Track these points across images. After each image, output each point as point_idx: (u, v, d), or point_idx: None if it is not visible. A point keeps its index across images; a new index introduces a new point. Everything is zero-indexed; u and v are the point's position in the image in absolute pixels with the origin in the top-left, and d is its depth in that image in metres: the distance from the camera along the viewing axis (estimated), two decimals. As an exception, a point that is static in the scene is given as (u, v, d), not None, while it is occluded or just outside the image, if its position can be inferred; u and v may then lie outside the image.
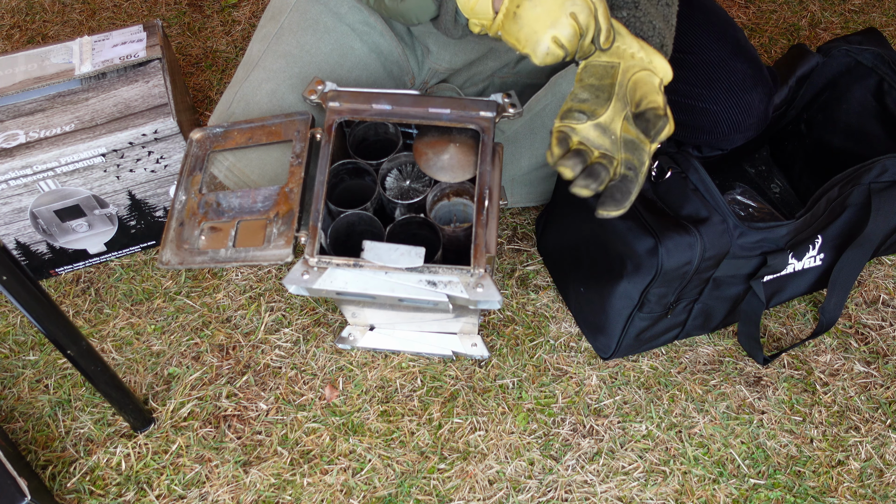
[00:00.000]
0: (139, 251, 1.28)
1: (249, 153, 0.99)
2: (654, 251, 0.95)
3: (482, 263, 0.85)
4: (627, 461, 1.05)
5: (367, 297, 0.88)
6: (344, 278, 0.87)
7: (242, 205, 0.92)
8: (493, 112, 0.93)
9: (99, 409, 1.11)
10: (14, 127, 1.10)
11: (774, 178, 1.33)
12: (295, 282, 0.87)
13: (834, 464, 1.05)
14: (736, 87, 1.02)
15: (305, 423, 1.09)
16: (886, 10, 1.70)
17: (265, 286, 1.24)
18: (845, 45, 1.17)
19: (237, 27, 1.67)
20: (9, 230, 1.15)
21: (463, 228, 0.94)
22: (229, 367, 1.15)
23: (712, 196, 0.98)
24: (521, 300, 1.22)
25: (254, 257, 0.87)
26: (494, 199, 0.92)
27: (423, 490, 1.03)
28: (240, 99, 1.04)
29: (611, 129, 0.80)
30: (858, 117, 1.16)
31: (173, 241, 0.90)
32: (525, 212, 1.34)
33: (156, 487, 1.04)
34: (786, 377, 1.13)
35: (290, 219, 0.89)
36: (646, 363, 1.14)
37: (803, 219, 0.99)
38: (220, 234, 0.90)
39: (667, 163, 1.02)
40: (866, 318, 1.20)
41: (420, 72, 1.15)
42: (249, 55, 1.09)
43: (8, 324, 1.21)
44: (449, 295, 0.85)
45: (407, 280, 0.87)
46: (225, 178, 0.99)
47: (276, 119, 0.98)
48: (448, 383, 1.13)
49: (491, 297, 0.85)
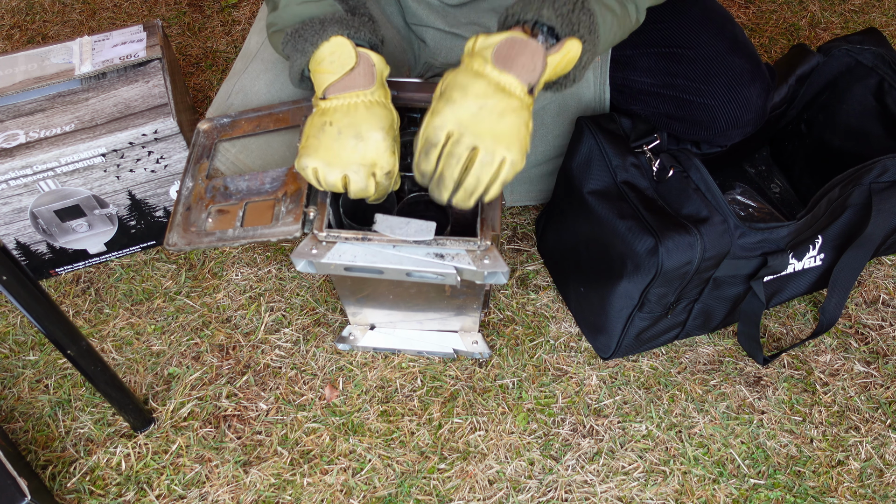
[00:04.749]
0: (139, 251, 1.28)
1: (252, 145, 0.99)
2: (655, 251, 0.95)
3: (489, 236, 0.86)
4: (627, 461, 1.05)
5: (376, 271, 0.88)
6: (352, 252, 0.88)
7: (250, 187, 0.93)
8: None
9: (99, 409, 1.11)
10: (14, 127, 1.10)
11: (774, 178, 1.33)
12: (304, 256, 0.87)
13: (834, 464, 1.05)
14: (734, 82, 1.02)
15: (305, 423, 1.09)
16: (886, 10, 1.70)
17: (265, 286, 1.24)
18: (845, 45, 1.17)
19: (237, 27, 1.67)
20: (9, 230, 1.15)
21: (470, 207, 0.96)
22: (229, 367, 1.15)
23: (713, 196, 0.98)
24: (521, 300, 1.22)
25: (262, 234, 0.87)
26: None
27: (423, 490, 1.03)
28: (238, 90, 1.04)
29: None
30: (859, 117, 1.16)
31: (180, 225, 0.89)
32: (525, 212, 1.34)
33: (156, 487, 1.04)
34: (786, 377, 1.13)
35: (299, 197, 0.89)
36: (646, 363, 1.14)
37: (804, 219, 0.99)
38: (228, 215, 0.90)
39: (669, 161, 1.02)
40: (866, 318, 1.20)
41: (416, 64, 1.15)
42: (247, 47, 1.09)
43: (8, 324, 1.21)
44: (457, 267, 0.86)
45: (415, 253, 0.87)
46: (228, 170, 0.99)
47: (284, 106, 0.99)
48: (448, 383, 1.13)
49: (498, 267, 0.85)
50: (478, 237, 0.86)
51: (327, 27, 0.84)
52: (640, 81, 1.10)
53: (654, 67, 1.08)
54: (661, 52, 1.08)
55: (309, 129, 0.84)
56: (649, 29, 1.10)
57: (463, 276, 0.87)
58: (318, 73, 0.84)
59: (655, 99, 1.09)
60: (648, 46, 1.09)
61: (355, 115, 0.82)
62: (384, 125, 0.83)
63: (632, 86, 1.11)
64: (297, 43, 0.85)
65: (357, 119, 0.82)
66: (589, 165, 1.06)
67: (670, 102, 1.07)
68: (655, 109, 1.09)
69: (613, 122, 1.08)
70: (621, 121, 1.08)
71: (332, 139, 0.82)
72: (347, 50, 0.84)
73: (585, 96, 1.14)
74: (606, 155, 1.03)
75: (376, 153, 0.83)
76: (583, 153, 1.07)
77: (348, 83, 0.83)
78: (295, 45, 0.86)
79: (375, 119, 0.83)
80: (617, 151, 1.03)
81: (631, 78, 1.11)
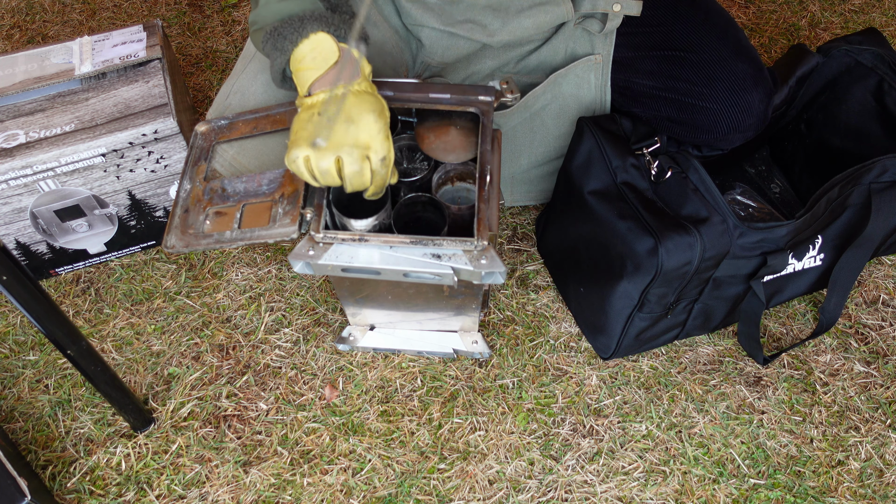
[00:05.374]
0: (139, 251, 1.28)
1: (249, 147, 1.00)
2: (654, 251, 0.95)
3: (485, 236, 0.86)
4: (627, 461, 1.05)
5: (373, 272, 0.88)
6: (349, 253, 0.88)
7: (247, 189, 0.93)
8: (491, 96, 0.96)
9: (99, 409, 1.11)
10: (14, 127, 1.10)
11: (774, 178, 1.33)
12: (301, 258, 0.87)
13: (834, 464, 1.05)
14: (736, 87, 1.02)
15: (305, 423, 1.09)
16: (886, 10, 1.70)
17: (265, 286, 1.24)
18: (845, 45, 1.17)
19: (237, 27, 1.67)
20: (9, 230, 1.15)
21: (468, 207, 0.96)
22: (229, 367, 1.15)
23: (712, 196, 0.98)
24: (521, 300, 1.22)
25: (259, 236, 0.87)
26: (495, 178, 0.93)
27: (423, 490, 1.03)
28: (236, 90, 1.04)
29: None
30: (858, 117, 1.16)
31: (178, 227, 0.90)
32: (525, 212, 1.34)
33: (156, 487, 1.04)
34: (786, 377, 1.13)
35: (296, 199, 0.89)
36: (646, 363, 1.14)
37: (803, 219, 0.99)
38: (226, 217, 0.90)
39: (667, 162, 1.02)
40: (866, 318, 1.20)
41: (413, 65, 1.15)
42: (247, 48, 1.09)
43: (8, 324, 1.21)
44: (454, 267, 0.86)
45: (412, 254, 0.87)
46: (226, 171, 0.99)
47: (281, 108, 0.99)
48: (448, 383, 1.13)
49: (495, 268, 0.85)
50: (475, 237, 0.87)
51: (307, 24, 0.83)
52: (642, 84, 1.10)
53: (655, 70, 1.08)
54: (663, 55, 1.08)
55: (297, 125, 0.83)
56: (651, 31, 1.10)
57: (460, 277, 0.87)
58: (300, 70, 0.83)
59: (657, 102, 1.09)
60: (650, 49, 1.09)
61: (344, 102, 0.81)
62: (375, 109, 0.81)
63: (633, 88, 1.11)
64: (277, 41, 0.84)
65: (346, 105, 0.80)
66: (589, 166, 1.06)
67: (672, 105, 1.07)
68: (657, 112, 1.09)
69: (614, 122, 1.08)
70: (622, 121, 1.08)
71: (321, 126, 0.80)
72: (329, 45, 0.83)
73: (586, 98, 1.14)
74: (607, 155, 1.03)
75: (369, 135, 0.80)
76: (583, 153, 1.07)
77: (332, 78, 0.82)
78: (275, 43, 0.85)
79: (366, 104, 0.81)
80: (617, 152, 1.03)
81: (632, 80, 1.11)
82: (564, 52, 1.13)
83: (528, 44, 1.13)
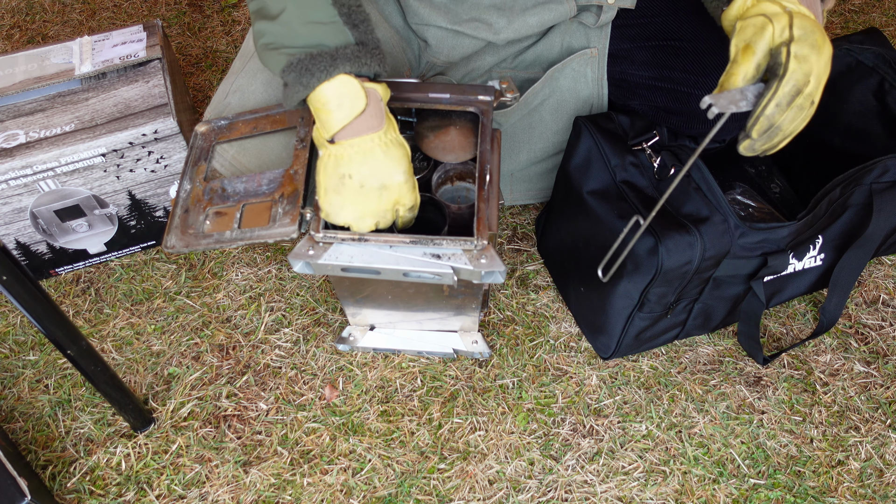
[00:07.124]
0: (139, 251, 1.28)
1: (249, 146, 1.00)
2: (654, 251, 0.95)
3: (485, 235, 0.86)
4: (627, 461, 1.05)
5: (372, 272, 0.88)
6: (349, 253, 0.88)
7: (247, 189, 0.93)
8: (490, 96, 0.96)
9: (99, 409, 1.11)
10: (14, 127, 1.10)
11: (774, 178, 1.33)
12: (301, 257, 0.87)
13: (834, 464, 1.05)
14: None
15: (305, 423, 1.09)
16: (886, 10, 1.70)
17: (265, 286, 1.24)
18: (846, 45, 1.17)
19: (237, 27, 1.67)
20: (9, 230, 1.15)
21: (468, 206, 0.96)
22: (229, 367, 1.15)
23: (714, 195, 0.97)
24: (521, 300, 1.22)
25: (259, 236, 0.87)
26: (495, 178, 0.93)
27: (423, 490, 1.03)
28: (235, 89, 1.04)
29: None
30: (859, 117, 1.16)
31: (178, 227, 0.90)
32: (525, 211, 1.34)
33: (156, 487, 1.04)
34: (786, 377, 1.13)
35: (296, 198, 0.90)
36: (646, 363, 1.14)
37: (804, 220, 0.99)
38: (226, 217, 0.91)
39: (670, 159, 1.02)
40: (866, 318, 1.20)
41: (417, 64, 1.15)
42: (246, 47, 1.09)
43: (8, 324, 1.21)
44: (453, 267, 0.86)
45: (411, 253, 0.87)
46: (226, 171, 0.99)
47: (281, 108, 1.00)
48: (448, 383, 1.13)
49: (495, 267, 0.86)
50: (474, 237, 0.87)
51: (339, 64, 0.79)
52: (638, 75, 1.10)
53: (651, 61, 1.08)
54: (657, 45, 1.08)
55: (326, 181, 0.83)
56: (646, 22, 1.10)
57: (460, 276, 0.87)
58: (324, 112, 0.81)
59: (653, 92, 1.09)
60: (645, 40, 1.09)
61: (374, 162, 0.82)
62: (403, 167, 0.84)
63: (629, 80, 1.11)
64: (303, 76, 0.79)
65: (377, 167, 0.82)
66: (588, 166, 1.06)
67: (667, 95, 1.07)
68: (653, 103, 1.09)
69: (611, 121, 1.08)
70: (619, 119, 1.08)
71: (355, 193, 0.83)
72: (355, 90, 0.80)
73: (584, 92, 1.14)
74: (605, 155, 1.03)
75: (399, 195, 0.86)
76: (581, 153, 1.07)
77: (360, 127, 0.81)
78: (299, 77, 0.79)
79: (394, 162, 0.83)
80: (616, 151, 1.03)
81: (628, 72, 1.11)
82: (560, 46, 1.13)
83: (526, 39, 1.14)
